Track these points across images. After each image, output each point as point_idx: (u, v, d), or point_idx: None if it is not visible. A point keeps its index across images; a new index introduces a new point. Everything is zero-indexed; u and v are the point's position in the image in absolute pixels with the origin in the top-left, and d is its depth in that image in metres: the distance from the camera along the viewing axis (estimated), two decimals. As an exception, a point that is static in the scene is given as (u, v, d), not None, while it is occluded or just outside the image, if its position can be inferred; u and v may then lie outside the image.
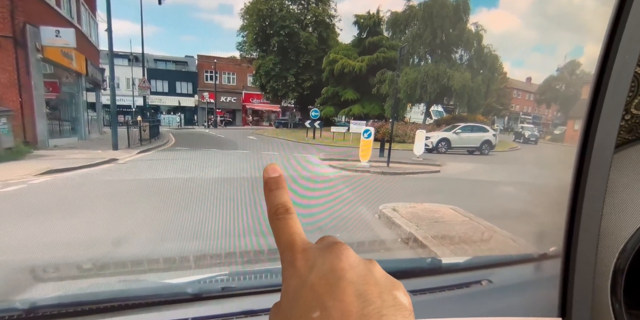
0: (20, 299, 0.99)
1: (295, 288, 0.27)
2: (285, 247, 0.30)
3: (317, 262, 0.27)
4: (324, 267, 0.26)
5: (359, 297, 0.24)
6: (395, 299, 0.25)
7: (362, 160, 7.73)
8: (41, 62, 7.19)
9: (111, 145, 7.98)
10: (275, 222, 0.31)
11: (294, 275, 0.27)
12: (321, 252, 0.28)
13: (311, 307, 0.25)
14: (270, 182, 0.32)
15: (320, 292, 0.25)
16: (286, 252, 0.29)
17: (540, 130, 17.91)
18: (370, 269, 0.27)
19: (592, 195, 0.91)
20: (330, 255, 0.27)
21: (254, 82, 15.29)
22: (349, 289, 0.25)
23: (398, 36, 14.51)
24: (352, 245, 2.79)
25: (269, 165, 0.33)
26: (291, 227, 0.31)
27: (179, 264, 2.27)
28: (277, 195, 0.32)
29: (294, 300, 0.26)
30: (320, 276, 0.26)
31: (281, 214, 0.31)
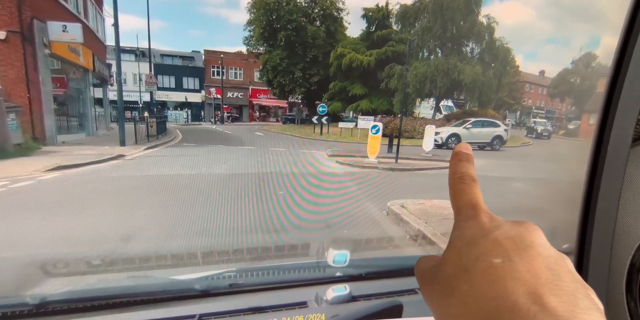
0: (30, 294, 1.03)
1: (473, 236, 0.25)
2: (467, 204, 0.28)
3: (505, 226, 0.25)
4: (513, 232, 0.24)
5: (550, 270, 0.22)
6: (589, 295, 0.21)
7: (370, 157, 7.69)
8: (49, 58, 7.27)
9: (118, 141, 8.07)
10: (460, 185, 0.29)
11: (473, 227, 0.26)
12: (510, 222, 0.26)
13: (493, 254, 0.23)
14: (461, 154, 0.31)
15: (505, 247, 0.23)
16: (467, 208, 0.28)
17: (554, 125, 17.60)
18: (563, 258, 0.24)
19: (608, 191, 0.88)
20: (521, 227, 0.25)
21: (260, 78, 15.30)
22: (539, 259, 0.22)
23: (407, 29, 14.33)
24: (360, 242, 2.75)
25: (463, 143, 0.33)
26: (477, 193, 0.29)
27: (187, 260, 2.26)
28: (466, 166, 0.31)
29: (471, 245, 0.25)
30: (507, 236, 0.24)
31: (467, 180, 0.29)
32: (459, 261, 0.25)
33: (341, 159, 7.85)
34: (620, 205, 0.88)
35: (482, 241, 0.24)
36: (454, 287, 0.24)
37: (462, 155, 0.31)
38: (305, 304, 0.99)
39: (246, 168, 6.76)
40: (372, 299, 1.04)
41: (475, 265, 0.23)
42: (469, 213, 0.27)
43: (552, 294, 0.20)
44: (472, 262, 0.24)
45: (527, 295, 0.20)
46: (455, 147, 0.32)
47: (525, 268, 0.22)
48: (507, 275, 0.22)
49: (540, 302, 0.20)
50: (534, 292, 0.20)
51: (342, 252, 1.21)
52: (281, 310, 0.96)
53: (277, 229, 3.16)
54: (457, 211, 0.29)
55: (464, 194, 0.29)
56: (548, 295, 0.20)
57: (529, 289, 0.21)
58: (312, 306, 0.99)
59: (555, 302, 0.20)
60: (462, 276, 0.24)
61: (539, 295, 0.20)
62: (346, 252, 1.22)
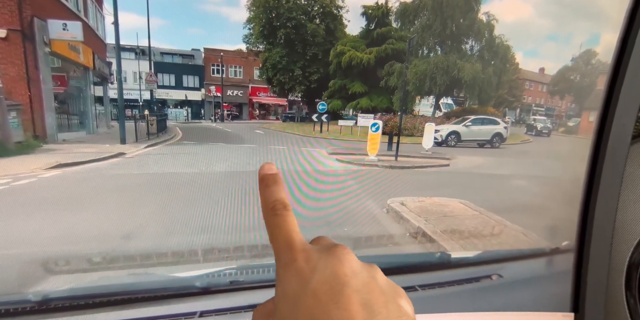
0: (33, 291, 1.00)
1: (296, 292, 0.25)
2: (284, 245, 0.28)
3: (319, 266, 0.26)
4: (327, 272, 0.25)
5: (364, 306, 0.23)
6: (400, 308, 0.24)
7: (370, 154, 7.69)
8: (49, 56, 7.26)
9: (119, 139, 8.08)
10: (272, 218, 0.29)
11: (293, 277, 0.26)
12: (322, 254, 0.27)
13: (314, 315, 0.23)
14: (267, 177, 0.30)
15: (323, 300, 0.24)
16: (284, 251, 0.28)
17: (554, 123, 17.57)
18: (374, 275, 0.26)
19: (607, 189, 0.88)
20: (333, 259, 0.26)
21: (260, 76, 15.26)
22: (354, 298, 0.24)
23: (407, 27, 14.28)
24: (360, 239, 2.76)
25: (265, 164, 0.31)
26: (289, 224, 0.28)
27: (188, 257, 2.29)
28: (274, 191, 0.30)
29: (294, 305, 0.25)
30: (323, 281, 0.25)
31: (279, 210, 0.29)
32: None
33: (341, 156, 7.84)
34: (620, 202, 0.88)
35: (304, 298, 0.25)
36: None
37: (268, 179, 0.30)
38: None
39: (246, 166, 6.75)
40: None
41: None
42: (286, 257, 0.27)
43: None
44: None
45: None
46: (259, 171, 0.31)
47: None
48: None
49: None
50: None
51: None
52: None
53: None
54: (276, 254, 0.28)
55: (279, 230, 0.28)
56: None
57: None
58: None
59: None
60: None
61: None
62: (346, 249, 1.22)
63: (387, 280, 0.27)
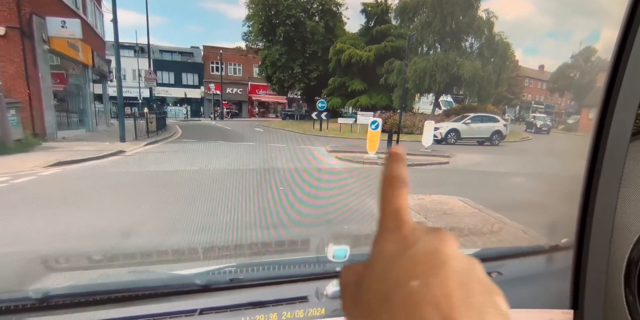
0: (33, 288, 1.00)
1: (392, 253, 0.26)
2: (392, 213, 0.29)
3: (422, 239, 0.26)
4: (429, 246, 0.26)
5: (461, 286, 0.24)
6: (496, 303, 0.24)
7: (369, 152, 7.68)
8: (48, 54, 7.20)
9: (118, 137, 8.05)
10: (388, 189, 0.30)
11: (393, 242, 0.27)
12: (427, 231, 0.27)
13: (410, 275, 0.24)
14: (395, 155, 0.32)
15: (421, 267, 0.24)
16: (391, 218, 0.29)
17: (553, 120, 17.54)
18: (474, 265, 0.26)
19: (607, 186, 0.88)
20: (437, 238, 0.26)
21: (260, 73, 15.20)
22: (452, 276, 0.24)
23: (407, 24, 14.22)
24: (360, 237, 2.76)
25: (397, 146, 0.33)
26: (402, 198, 0.30)
27: (188, 255, 2.27)
28: (397, 167, 0.31)
29: (389, 265, 0.26)
30: (424, 253, 0.25)
31: (397, 183, 0.30)
32: (379, 287, 0.25)
33: (341, 154, 7.84)
34: (619, 199, 0.88)
35: (400, 260, 0.25)
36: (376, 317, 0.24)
37: (395, 156, 0.32)
38: (306, 299, 1.00)
39: (246, 164, 6.75)
40: None
41: (394, 292, 0.24)
42: (390, 224, 0.28)
43: (464, 315, 0.22)
44: (391, 287, 0.24)
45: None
46: (390, 149, 0.33)
47: (440, 291, 0.23)
48: (423, 302, 0.23)
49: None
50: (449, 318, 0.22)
51: (342, 247, 1.22)
52: (282, 304, 0.96)
53: (278, 224, 3.17)
54: (381, 220, 0.29)
55: (391, 201, 0.29)
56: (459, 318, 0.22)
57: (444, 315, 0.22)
58: (313, 301, 0.99)
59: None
60: (383, 306, 0.24)
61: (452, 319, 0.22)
62: (346, 247, 1.23)
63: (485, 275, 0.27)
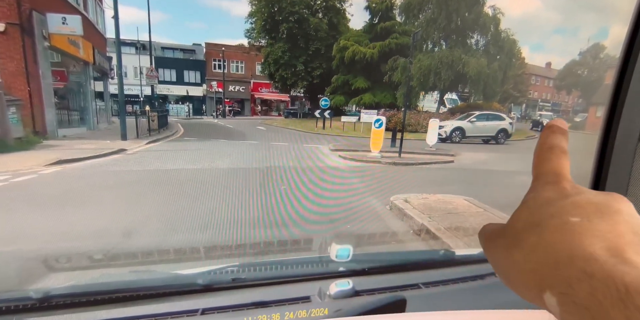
0: (34, 288, 1.01)
1: (550, 198, 0.24)
2: (549, 171, 0.27)
3: (589, 194, 0.24)
4: (598, 199, 0.23)
5: (636, 235, 0.20)
6: None
7: (373, 151, 7.67)
8: (48, 51, 7.24)
9: (120, 135, 8.08)
10: (548, 153, 0.28)
11: (551, 190, 0.25)
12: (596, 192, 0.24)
13: (570, 213, 0.22)
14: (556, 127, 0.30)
15: (586, 209, 0.22)
16: (547, 175, 0.27)
17: (560, 118, 17.50)
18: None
19: (615, 186, 0.86)
20: (608, 195, 0.23)
21: (262, 71, 15.22)
22: (625, 225, 0.21)
23: (411, 21, 14.17)
24: (363, 236, 2.72)
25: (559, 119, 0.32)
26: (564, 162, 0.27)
27: (190, 255, 2.27)
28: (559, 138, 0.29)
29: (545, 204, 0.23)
30: (590, 202, 0.22)
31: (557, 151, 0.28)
32: (530, 217, 0.24)
33: (344, 153, 7.84)
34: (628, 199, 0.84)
35: (560, 202, 0.23)
36: (522, 239, 0.23)
37: (556, 128, 0.30)
38: (309, 299, 0.99)
39: (249, 162, 6.76)
40: (375, 294, 1.03)
41: (548, 221, 0.22)
42: (549, 179, 0.26)
43: (636, 252, 0.19)
44: (545, 218, 0.22)
45: (606, 249, 0.19)
46: (550, 122, 0.31)
47: (606, 228, 0.20)
48: (584, 232, 0.20)
49: (621, 256, 0.18)
50: (615, 248, 0.19)
51: (345, 247, 1.21)
52: (284, 304, 0.96)
53: (280, 223, 3.15)
54: (536, 176, 0.27)
55: (550, 161, 0.28)
56: (631, 253, 0.19)
57: (610, 245, 0.19)
58: (315, 301, 0.98)
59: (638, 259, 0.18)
60: (532, 230, 0.23)
61: (620, 250, 0.19)
62: (349, 246, 1.22)
63: None
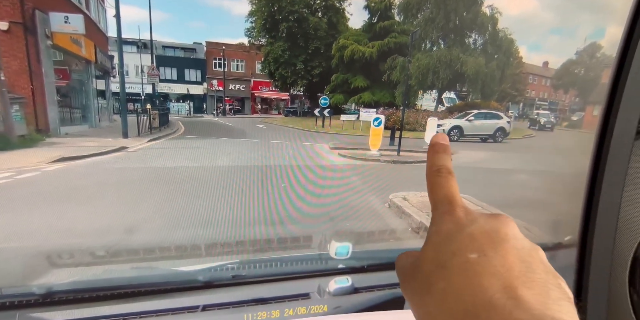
0: (37, 284, 1.02)
1: (450, 232, 0.26)
2: (444, 199, 0.29)
3: (480, 220, 0.26)
4: (488, 226, 0.25)
5: (522, 262, 0.23)
6: (560, 285, 0.23)
7: (372, 149, 7.66)
8: (51, 49, 7.24)
9: (121, 133, 8.08)
10: (436, 178, 0.30)
11: (449, 222, 0.26)
12: (484, 215, 0.27)
13: (468, 249, 0.24)
14: (439, 145, 0.32)
15: (480, 241, 0.24)
16: (443, 202, 0.28)
17: (557, 117, 17.45)
18: (536, 249, 0.25)
19: (611, 184, 0.87)
20: (496, 220, 0.26)
21: (262, 70, 15.19)
22: (512, 252, 0.23)
23: (410, 20, 14.12)
24: (362, 234, 2.75)
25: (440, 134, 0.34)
26: (452, 185, 0.29)
27: (190, 252, 2.29)
28: (443, 158, 0.31)
29: (447, 241, 0.25)
30: (482, 231, 0.25)
31: (443, 173, 0.30)
32: (436, 257, 0.25)
33: (343, 151, 7.82)
34: (624, 198, 0.87)
35: (458, 236, 0.25)
36: (432, 284, 0.24)
37: (439, 146, 0.32)
38: (308, 296, 0.99)
39: (249, 160, 6.75)
40: (374, 291, 1.04)
41: (451, 261, 0.24)
42: (445, 208, 0.28)
43: (525, 286, 0.21)
44: (448, 257, 0.24)
45: (502, 290, 0.21)
46: (432, 138, 0.32)
47: (499, 262, 0.23)
48: (482, 271, 0.22)
49: (514, 296, 0.21)
50: (509, 286, 0.21)
51: (344, 244, 1.22)
52: (284, 301, 0.96)
53: (280, 221, 3.17)
54: (434, 206, 0.29)
55: (441, 187, 0.29)
56: (521, 288, 0.21)
57: (504, 283, 0.22)
58: (315, 297, 0.99)
59: (528, 295, 0.21)
60: (439, 273, 0.24)
61: (513, 288, 0.21)
62: (348, 244, 1.22)
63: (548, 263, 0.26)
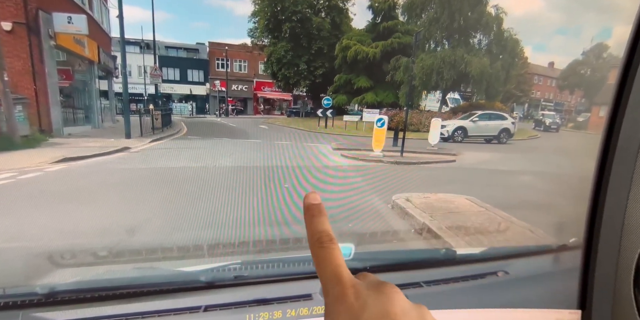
0: (40, 283, 1.02)
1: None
2: (331, 279, 0.29)
3: (369, 302, 0.27)
4: (377, 309, 0.26)
5: None
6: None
7: (375, 150, 7.66)
8: (54, 49, 7.27)
9: (124, 133, 8.11)
10: (319, 250, 0.30)
11: (343, 313, 0.27)
12: (371, 291, 0.28)
13: None
14: (313, 208, 0.32)
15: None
16: (332, 285, 0.29)
17: (562, 118, 17.35)
18: (423, 316, 0.27)
19: (617, 185, 0.87)
20: (383, 297, 0.27)
21: (265, 70, 15.25)
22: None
23: (414, 20, 14.10)
24: (365, 235, 2.74)
25: (310, 193, 0.33)
26: (336, 257, 0.30)
27: (193, 252, 2.30)
28: (319, 222, 0.31)
29: None
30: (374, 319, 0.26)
31: (325, 242, 0.30)
32: None
33: (346, 152, 7.82)
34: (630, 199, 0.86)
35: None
36: None
37: (313, 209, 0.31)
38: (310, 297, 0.99)
39: (251, 161, 6.76)
40: None
41: None
42: (335, 292, 0.28)
43: None
44: None
45: None
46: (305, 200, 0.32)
47: None
48: None
49: None
50: None
51: (346, 245, 1.21)
52: (286, 302, 0.96)
53: (282, 221, 3.16)
54: (324, 286, 0.29)
55: (326, 263, 0.29)
56: None
57: None
58: (317, 298, 0.99)
59: None
60: None
61: None
62: (351, 245, 1.22)
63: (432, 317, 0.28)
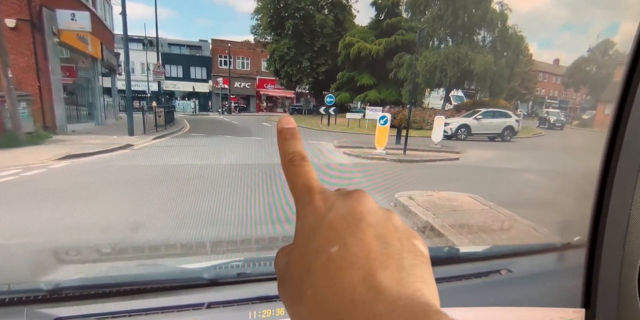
0: (45, 280, 1.04)
1: (312, 226, 0.27)
2: (302, 188, 0.30)
3: (336, 204, 0.27)
4: (344, 209, 0.26)
5: (378, 238, 0.25)
6: (414, 246, 0.26)
7: (377, 148, 7.64)
8: (58, 46, 7.30)
9: (127, 130, 8.16)
10: (291, 168, 0.31)
11: (310, 214, 0.28)
12: (340, 196, 0.28)
13: (329, 242, 0.25)
14: (285, 131, 0.32)
15: (339, 230, 0.25)
16: (302, 193, 0.29)
17: (567, 115, 17.23)
18: (389, 216, 0.27)
19: (622, 183, 0.86)
20: (350, 199, 0.27)
21: (268, 67, 15.25)
22: (369, 231, 0.25)
23: (417, 17, 14.03)
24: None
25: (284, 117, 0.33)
26: (307, 172, 0.30)
27: (196, 249, 2.31)
28: (292, 145, 0.32)
29: (311, 237, 0.26)
30: (339, 216, 0.26)
31: (297, 160, 0.31)
32: (302, 259, 0.26)
33: (349, 150, 7.81)
34: (635, 198, 0.86)
35: (319, 230, 0.26)
36: (302, 292, 0.24)
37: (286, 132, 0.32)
38: None
39: (254, 159, 6.78)
40: None
41: (315, 262, 0.24)
42: (305, 199, 0.29)
43: (382, 267, 0.22)
44: (312, 258, 0.25)
45: (362, 282, 0.22)
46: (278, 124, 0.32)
47: (359, 248, 0.24)
48: (344, 265, 0.23)
49: (373, 285, 0.21)
50: (368, 274, 0.22)
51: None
52: None
53: (285, 219, 3.17)
54: (296, 198, 0.29)
55: (297, 177, 0.30)
56: (379, 272, 0.22)
57: (364, 272, 0.22)
58: None
59: (385, 278, 0.22)
60: (306, 278, 0.24)
61: (371, 276, 0.22)
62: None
63: (402, 223, 0.28)
